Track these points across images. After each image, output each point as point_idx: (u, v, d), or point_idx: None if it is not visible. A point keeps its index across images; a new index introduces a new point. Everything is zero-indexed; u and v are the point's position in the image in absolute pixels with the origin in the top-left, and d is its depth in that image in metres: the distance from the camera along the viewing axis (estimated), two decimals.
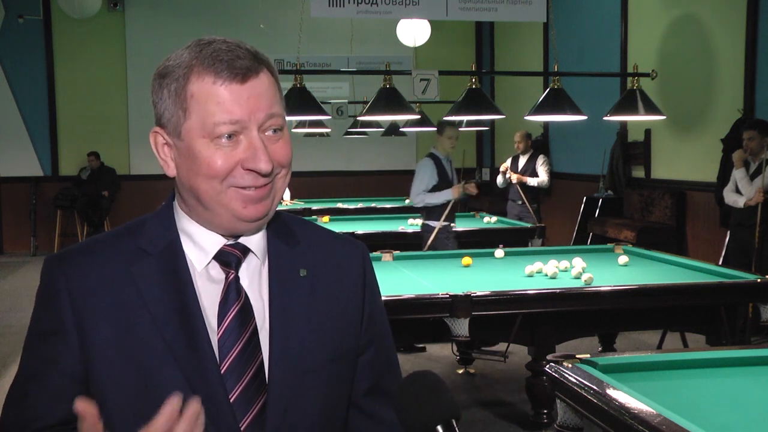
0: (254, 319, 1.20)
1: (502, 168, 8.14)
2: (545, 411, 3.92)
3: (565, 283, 4.03)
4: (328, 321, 1.25)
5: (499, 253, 4.89)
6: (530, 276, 4.20)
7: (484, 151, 12.99)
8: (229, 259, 1.21)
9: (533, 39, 10.67)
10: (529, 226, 6.42)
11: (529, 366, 3.99)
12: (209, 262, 1.21)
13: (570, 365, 2.33)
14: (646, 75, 5.37)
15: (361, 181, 12.19)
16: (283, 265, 1.24)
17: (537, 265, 4.28)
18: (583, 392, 2.16)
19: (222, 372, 1.16)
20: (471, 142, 12.92)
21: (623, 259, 4.58)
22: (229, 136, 1.14)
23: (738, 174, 5.84)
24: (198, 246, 1.21)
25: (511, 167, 8.14)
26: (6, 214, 11.53)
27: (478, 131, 12.12)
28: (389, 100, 5.35)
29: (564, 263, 4.37)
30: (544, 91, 5.25)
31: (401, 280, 4.12)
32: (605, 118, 5.44)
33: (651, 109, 5.16)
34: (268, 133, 1.16)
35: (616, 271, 4.40)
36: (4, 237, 11.57)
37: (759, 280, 3.83)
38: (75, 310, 1.16)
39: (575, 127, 8.06)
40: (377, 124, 9.12)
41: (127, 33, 11.66)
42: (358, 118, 8.66)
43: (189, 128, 1.15)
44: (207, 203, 1.17)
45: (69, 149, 11.59)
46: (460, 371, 5.41)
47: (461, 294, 3.56)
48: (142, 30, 11.62)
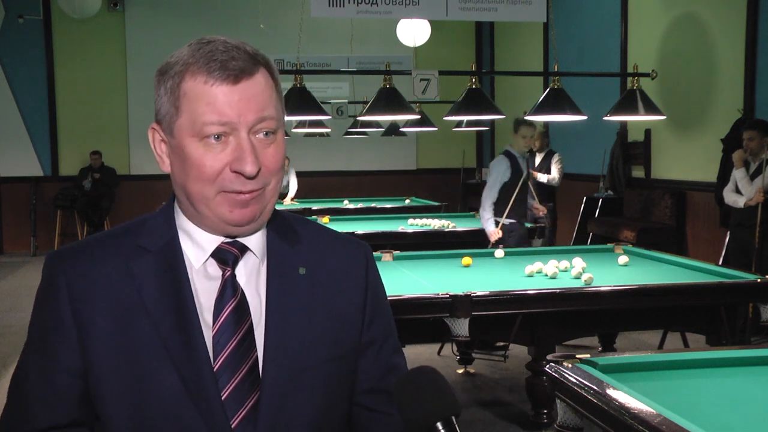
0: (250, 316, 1.20)
1: None
2: (545, 411, 3.91)
3: (565, 283, 4.03)
4: (326, 320, 1.24)
5: (499, 253, 4.90)
6: (530, 276, 4.20)
7: (484, 151, 12.99)
8: (226, 257, 1.21)
9: (533, 39, 10.67)
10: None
11: (529, 366, 3.99)
12: (206, 260, 1.21)
13: (570, 365, 2.32)
14: (646, 75, 5.37)
15: (361, 181, 12.19)
16: (283, 263, 1.24)
17: (537, 265, 4.28)
18: (583, 392, 2.16)
19: (215, 369, 1.16)
20: (471, 142, 12.93)
21: (623, 259, 4.58)
22: (218, 137, 1.14)
23: (738, 174, 5.84)
24: (196, 243, 1.22)
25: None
26: (6, 214, 11.53)
27: (478, 131, 12.13)
28: (389, 100, 5.35)
29: (564, 263, 4.37)
30: (544, 91, 5.25)
31: (401, 280, 4.12)
32: (605, 118, 5.44)
33: (651, 109, 5.16)
34: (260, 136, 1.16)
35: (616, 271, 4.40)
36: (4, 237, 11.57)
37: (759, 280, 3.83)
38: (74, 306, 1.17)
39: (575, 127, 8.06)
40: (377, 124, 9.13)
41: (127, 33, 11.66)
42: (358, 118, 8.67)
43: (180, 126, 1.16)
44: (196, 205, 1.18)
45: (69, 149, 11.60)
46: (460, 371, 5.41)
47: (461, 294, 3.56)
48: (142, 30, 11.62)
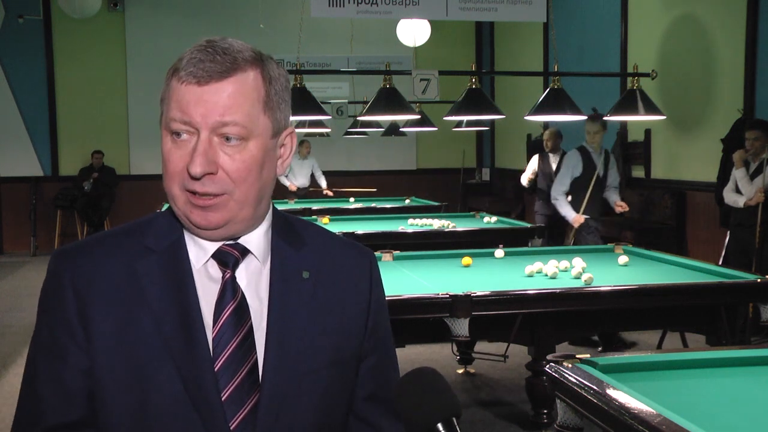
0: (250, 318, 1.20)
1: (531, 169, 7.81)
2: (545, 411, 3.91)
3: (565, 283, 4.03)
4: (329, 325, 1.25)
5: (499, 253, 4.89)
6: (530, 276, 4.20)
7: (484, 151, 12.99)
8: (226, 259, 1.22)
9: (533, 39, 10.67)
10: (529, 226, 6.41)
11: (529, 366, 3.99)
12: (207, 261, 1.22)
13: (570, 365, 2.32)
14: (646, 75, 5.37)
15: (361, 181, 12.19)
16: (286, 266, 1.25)
17: (537, 265, 4.27)
18: (583, 392, 2.16)
19: (216, 369, 1.16)
20: (471, 142, 12.93)
21: (623, 259, 4.58)
22: (180, 135, 1.16)
23: (738, 174, 5.84)
24: (198, 244, 1.22)
25: (542, 167, 7.79)
26: (6, 214, 11.53)
27: (478, 131, 12.13)
28: (389, 100, 5.35)
29: (564, 263, 4.37)
30: (544, 91, 5.25)
31: (401, 280, 4.12)
32: (605, 118, 5.44)
33: (651, 109, 5.16)
34: (223, 140, 1.16)
35: (616, 271, 4.39)
36: (4, 237, 11.57)
37: (759, 280, 3.83)
38: (80, 304, 1.18)
39: (575, 127, 8.06)
40: (377, 124, 9.13)
41: (127, 33, 11.67)
42: (358, 118, 8.67)
43: (162, 120, 1.20)
44: (170, 203, 1.21)
45: (69, 149, 11.60)
46: (460, 371, 5.41)
47: (461, 294, 3.56)
48: (142, 30, 11.63)
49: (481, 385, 5.17)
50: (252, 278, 1.23)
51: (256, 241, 1.24)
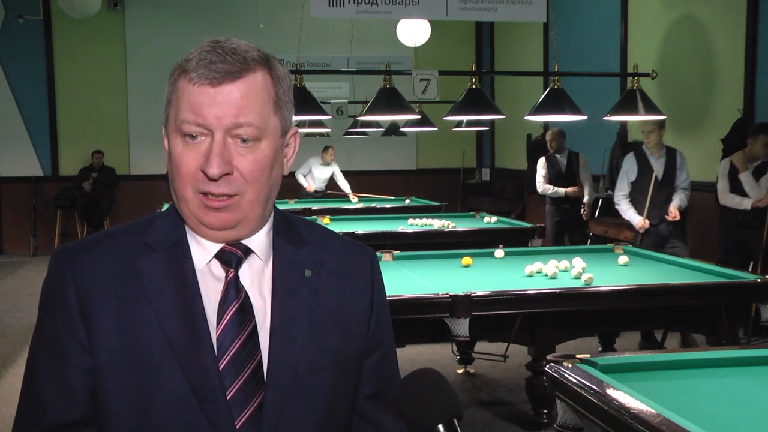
0: (253, 318, 1.20)
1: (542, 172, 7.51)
2: (545, 411, 3.91)
3: (565, 283, 4.03)
4: (331, 324, 1.25)
5: (499, 253, 4.89)
6: (530, 276, 4.20)
7: (484, 151, 12.99)
8: (229, 259, 1.22)
9: (533, 39, 10.67)
10: (529, 226, 6.40)
11: (529, 366, 3.99)
12: (210, 260, 1.22)
13: (570, 365, 2.33)
14: (646, 75, 5.37)
15: (361, 181, 12.18)
16: (288, 265, 1.25)
17: (537, 265, 4.27)
18: (583, 392, 2.16)
19: (220, 369, 1.16)
20: (471, 142, 12.93)
21: (623, 259, 4.58)
22: (194, 137, 1.15)
23: (744, 177, 5.82)
24: (201, 244, 1.22)
25: (550, 169, 7.62)
26: (6, 214, 11.53)
27: (478, 131, 12.13)
28: (389, 100, 5.35)
29: (564, 263, 4.37)
30: (544, 91, 5.25)
31: (401, 280, 4.12)
32: (605, 118, 5.44)
33: (651, 109, 5.16)
34: (238, 141, 1.16)
35: (616, 271, 4.40)
36: (4, 237, 11.57)
37: (759, 280, 3.83)
38: (81, 302, 1.18)
39: (575, 127, 8.05)
40: (377, 124, 9.13)
41: (127, 33, 11.67)
42: (358, 118, 8.67)
43: (169, 121, 1.19)
44: (179, 204, 1.20)
45: (69, 149, 11.60)
46: (460, 371, 5.41)
47: (461, 294, 3.56)
48: (142, 30, 11.62)
49: (481, 385, 5.17)
50: (255, 277, 1.23)
51: (258, 240, 1.24)
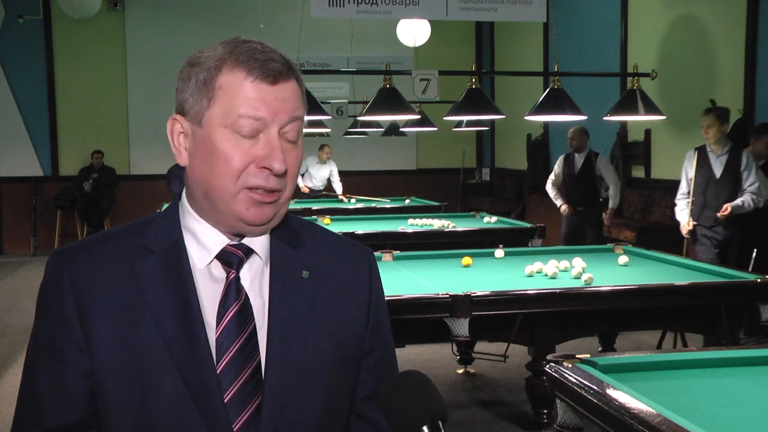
0: (253, 319, 1.20)
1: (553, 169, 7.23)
2: (545, 411, 3.92)
3: (565, 283, 4.03)
4: (330, 324, 1.25)
5: (499, 253, 4.90)
6: (530, 276, 4.20)
7: (484, 151, 12.99)
8: (230, 259, 1.21)
9: (533, 39, 10.67)
10: (529, 226, 6.40)
11: (529, 366, 3.99)
12: (211, 261, 1.21)
13: (570, 365, 2.33)
14: (646, 75, 5.37)
15: (361, 181, 12.19)
16: (286, 266, 1.24)
17: (537, 265, 4.28)
18: (583, 392, 2.16)
19: (218, 371, 1.16)
20: (471, 142, 12.93)
21: (623, 259, 4.58)
22: (248, 133, 1.16)
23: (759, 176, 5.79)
24: (201, 244, 1.22)
25: (565, 169, 7.34)
26: (6, 214, 11.53)
27: (478, 131, 12.13)
28: (389, 100, 5.35)
29: (564, 263, 4.37)
30: (544, 91, 5.25)
31: (401, 280, 4.12)
32: (605, 118, 5.44)
33: (651, 109, 5.16)
34: (285, 138, 1.18)
35: (616, 271, 4.40)
36: (4, 237, 11.57)
37: (759, 280, 3.84)
38: (78, 304, 1.17)
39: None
40: (377, 124, 9.13)
41: (127, 33, 11.67)
42: (358, 118, 8.67)
43: (210, 116, 1.17)
44: (215, 199, 1.18)
45: (69, 149, 11.60)
46: (460, 371, 5.41)
47: (461, 294, 3.56)
48: (142, 30, 11.63)
49: (481, 385, 5.17)
50: (255, 278, 1.23)
51: (259, 240, 1.24)
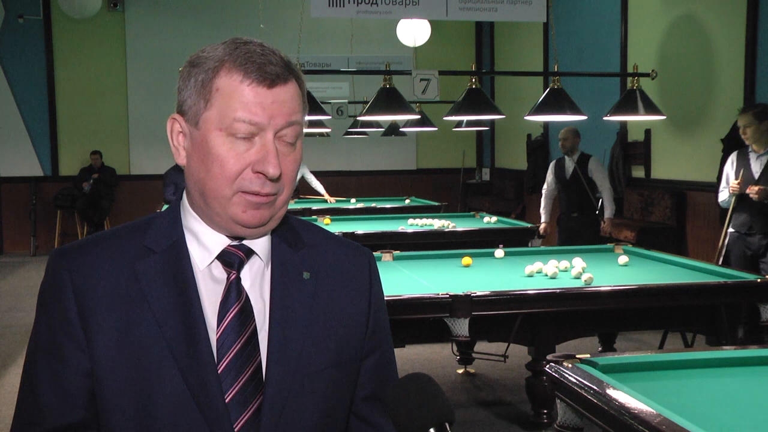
0: (254, 320, 1.20)
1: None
2: (545, 411, 3.91)
3: (565, 283, 4.03)
4: (330, 325, 1.25)
5: (499, 253, 4.90)
6: (530, 276, 4.20)
7: (484, 151, 13.00)
8: (231, 260, 1.21)
9: (533, 39, 10.67)
10: (529, 226, 6.40)
11: (529, 366, 3.99)
12: (212, 262, 1.21)
13: (570, 365, 2.32)
14: (646, 75, 5.37)
15: (361, 181, 12.19)
16: (287, 267, 1.24)
17: (537, 265, 4.28)
18: (583, 392, 2.16)
19: (219, 371, 1.16)
20: (471, 142, 12.93)
21: (623, 259, 4.58)
22: (244, 136, 1.15)
23: None
24: (202, 245, 1.22)
25: (556, 173, 7.00)
26: (6, 214, 11.53)
27: (478, 131, 12.13)
28: (389, 100, 5.35)
29: (564, 263, 4.37)
30: (544, 91, 5.25)
31: (401, 280, 4.12)
32: (605, 118, 5.44)
33: (651, 109, 5.16)
34: (283, 141, 1.18)
35: (616, 271, 4.40)
36: (4, 237, 11.57)
37: (759, 280, 3.84)
38: (80, 304, 1.17)
39: (575, 127, 8.04)
40: (377, 124, 9.13)
41: (127, 33, 11.67)
42: (358, 118, 8.67)
43: (207, 118, 1.17)
44: (210, 202, 1.18)
45: (69, 149, 11.60)
46: (460, 371, 5.41)
47: (461, 294, 3.56)
48: (142, 30, 11.63)
49: (481, 385, 5.17)
50: (256, 279, 1.23)
51: (260, 241, 1.24)
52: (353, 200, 9.51)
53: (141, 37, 11.60)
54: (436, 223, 6.66)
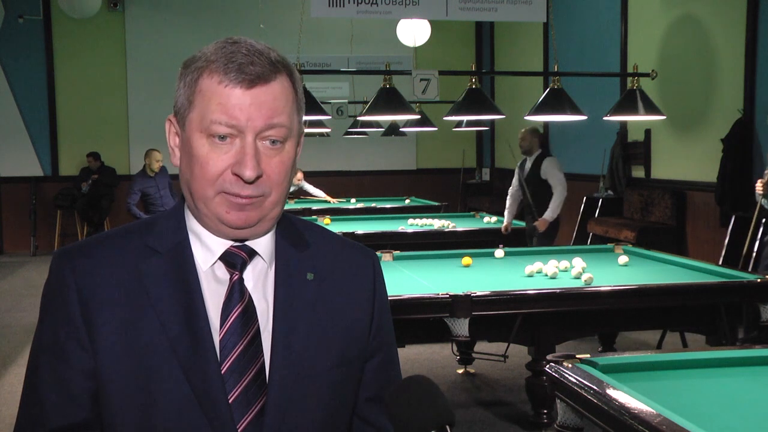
0: (257, 320, 1.20)
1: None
2: (545, 411, 3.92)
3: (565, 283, 4.03)
4: (334, 327, 1.24)
5: (499, 253, 4.90)
6: (530, 276, 4.20)
7: (484, 151, 13.00)
8: (234, 261, 1.21)
9: (533, 39, 10.67)
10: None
11: (529, 366, 3.99)
12: (215, 263, 1.21)
13: (570, 365, 2.33)
14: (646, 75, 5.37)
15: (361, 181, 12.19)
16: (290, 268, 1.24)
17: (537, 265, 4.28)
18: (583, 392, 2.16)
19: (222, 372, 1.16)
20: (471, 142, 12.93)
21: (623, 259, 4.58)
22: (223, 138, 1.14)
23: None
24: (205, 246, 1.22)
25: (519, 174, 6.71)
26: (6, 214, 11.53)
27: (478, 131, 12.13)
28: (389, 100, 5.35)
29: (564, 263, 4.37)
30: (544, 91, 5.25)
31: (401, 280, 4.12)
32: (605, 118, 5.44)
33: (651, 109, 5.16)
34: (266, 143, 1.16)
35: (616, 271, 4.40)
36: (4, 237, 11.57)
37: (759, 280, 3.84)
38: (83, 305, 1.17)
39: (575, 127, 8.06)
40: (377, 124, 9.14)
41: (127, 33, 11.67)
42: (358, 118, 8.68)
43: (191, 120, 1.17)
44: (197, 202, 1.19)
45: (69, 149, 11.59)
46: (460, 371, 5.41)
47: (461, 294, 3.56)
48: (142, 30, 11.63)
49: (481, 385, 5.17)
50: (259, 280, 1.23)
51: (263, 242, 1.23)
52: (353, 200, 9.51)
53: (141, 37, 11.60)
54: (436, 223, 6.66)
